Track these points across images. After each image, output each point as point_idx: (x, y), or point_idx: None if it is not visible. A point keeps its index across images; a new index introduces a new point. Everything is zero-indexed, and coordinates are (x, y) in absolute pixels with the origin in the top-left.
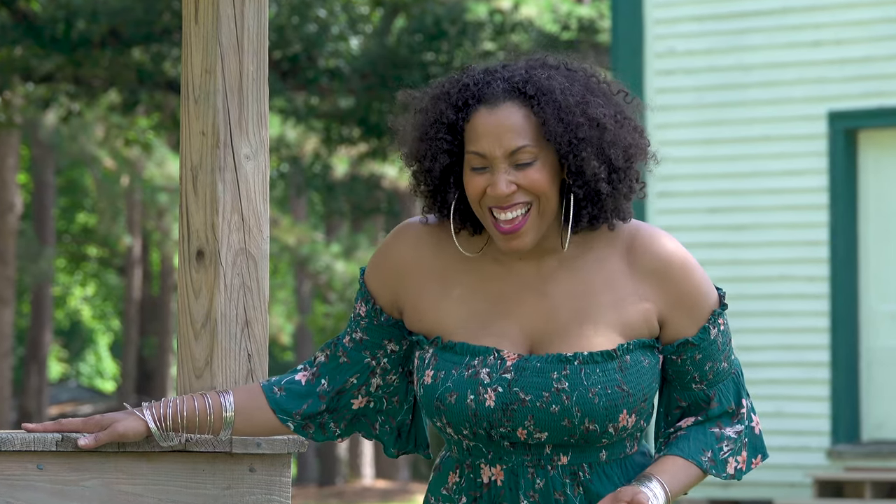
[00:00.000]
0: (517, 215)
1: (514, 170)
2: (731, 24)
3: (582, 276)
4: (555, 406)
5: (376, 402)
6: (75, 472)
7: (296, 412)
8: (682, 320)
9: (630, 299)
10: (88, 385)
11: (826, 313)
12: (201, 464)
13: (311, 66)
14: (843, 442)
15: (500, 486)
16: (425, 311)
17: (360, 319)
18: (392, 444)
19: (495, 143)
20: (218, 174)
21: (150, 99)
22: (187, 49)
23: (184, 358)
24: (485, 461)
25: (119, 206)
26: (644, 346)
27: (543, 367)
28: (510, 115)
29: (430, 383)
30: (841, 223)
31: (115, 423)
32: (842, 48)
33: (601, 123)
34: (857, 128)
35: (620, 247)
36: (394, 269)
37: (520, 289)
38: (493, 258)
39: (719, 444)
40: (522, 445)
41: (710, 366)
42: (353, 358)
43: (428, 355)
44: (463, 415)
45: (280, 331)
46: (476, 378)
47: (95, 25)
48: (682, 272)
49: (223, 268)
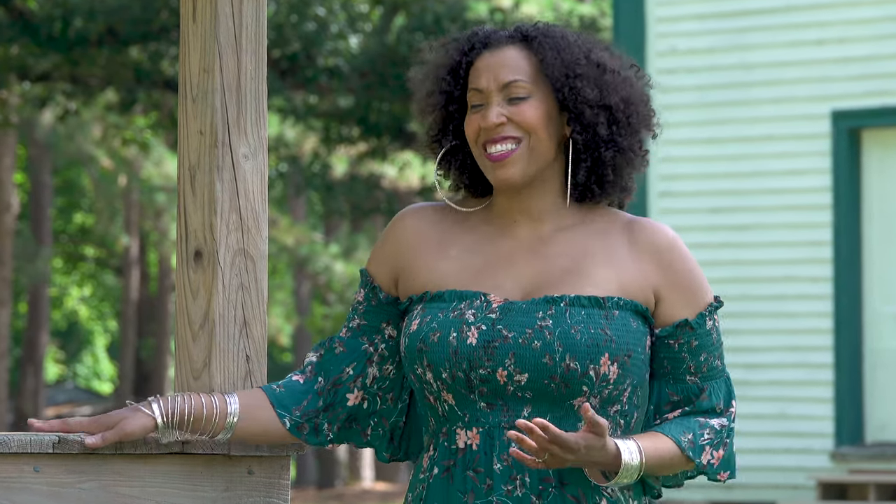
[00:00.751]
0: (506, 148)
1: (508, 104)
2: (733, 22)
3: (580, 241)
4: (537, 342)
5: (370, 401)
6: (72, 474)
7: (294, 408)
8: (678, 301)
9: (626, 266)
10: (85, 386)
11: (829, 314)
12: (199, 466)
13: (310, 65)
14: (847, 444)
15: (476, 451)
16: (420, 270)
17: (357, 306)
18: (384, 448)
19: (491, 76)
20: (216, 174)
21: (147, 98)
22: (185, 48)
23: (181, 359)
24: (461, 424)
25: (116, 205)
26: (636, 310)
27: (529, 307)
28: (510, 54)
29: (414, 330)
30: (844, 223)
31: (122, 422)
32: (845, 47)
33: (602, 64)
34: (860, 127)
35: (620, 224)
36: (394, 243)
37: (517, 249)
38: (494, 221)
39: (701, 430)
40: (500, 406)
41: (705, 357)
42: (349, 346)
43: (416, 311)
44: (444, 353)
45: (279, 332)
46: (461, 318)
47: (92, 24)
48: (682, 255)
49: (221, 268)
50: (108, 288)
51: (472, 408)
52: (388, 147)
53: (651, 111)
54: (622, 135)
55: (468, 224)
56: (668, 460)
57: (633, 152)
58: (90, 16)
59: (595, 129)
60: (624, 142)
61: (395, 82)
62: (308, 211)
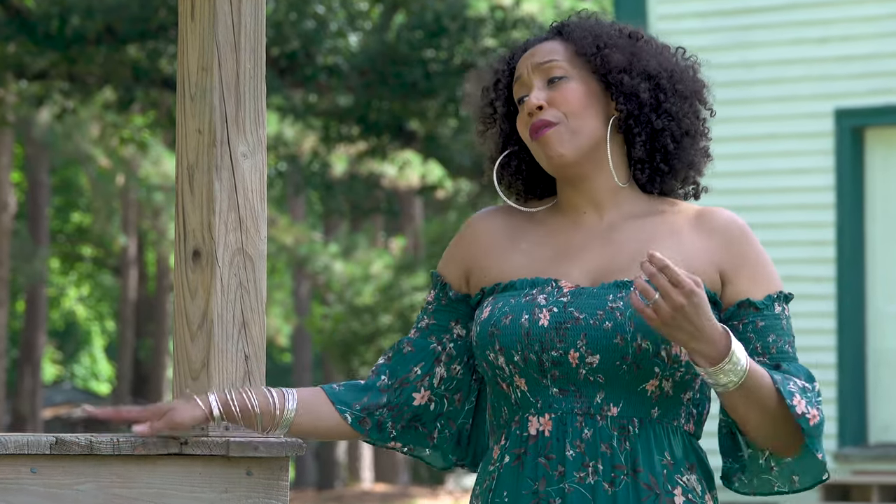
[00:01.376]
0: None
1: (548, 88)
2: (735, 20)
3: (648, 227)
4: (608, 322)
5: (437, 403)
6: (69, 475)
7: (355, 402)
8: (743, 282)
9: (694, 250)
10: (83, 387)
11: (832, 314)
12: (198, 467)
13: (310, 64)
14: (850, 445)
15: (548, 437)
16: (491, 266)
17: (427, 306)
18: (451, 451)
19: (528, 63)
20: (215, 173)
21: (145, 96)
22: (183, 46)
23: (180, 359)
24: (534, 411)
25: (114, 205)
26: None
27: (600, 291)
28: (545, 45)
29: (486, 316)
30: (848, 223)
31: (173, 412)
32: (849, 45)
33: (633, 34)
34: (864, 125)
35: (690, 214)
36: (465, 244)
37: (586, 238)
38: (563, 214)
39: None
40: (573, 392)
41: (774, 339)
42: (418, 346)
43: (487, 301)
44: (516, 334)
45: (277, 332)
46: (532, 302)
47: (90, 22)
48: (749, 239)
49: (220, 268)
50: (105, 288)
51: (544, 393)
52: (387, 146)
53: (700, 83)
54: (670, 101)
55: (537, 220)
56: (766, 388)
57: (689, 119)
58: (88, 14)
59: (638, 96)
60: (673, 108)
61: (394, 81)
62: (307, 210)
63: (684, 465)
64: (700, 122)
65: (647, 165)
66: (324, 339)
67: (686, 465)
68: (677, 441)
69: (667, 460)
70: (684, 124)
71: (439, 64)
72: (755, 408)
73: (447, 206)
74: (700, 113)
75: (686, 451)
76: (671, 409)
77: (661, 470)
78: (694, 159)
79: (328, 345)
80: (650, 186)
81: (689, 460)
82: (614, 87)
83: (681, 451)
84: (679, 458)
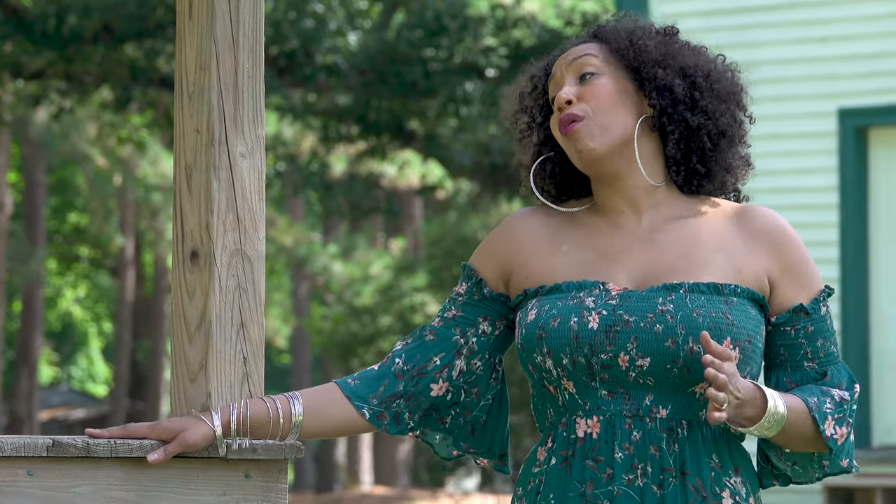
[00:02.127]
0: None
1: (579, 83)
2: (737, 19)
3: (690, 228)
4: (659, 325)
5: (454, 393)
6: (66, 478)
7: (372, 396)
8: (793, 287)
9: (741, 253)
10: (80, 389)
11: (836, 315)
12: (195, 470)
13: (309, 63)
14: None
15: (596, 439)
16: (534, 267)
17: (457, 297)
18: (463, 438)
19: (562, 62)
20: (213, 173)
21: (143, 96)
22: (181, 45)
23: (178, 361)
24: (581, 413)
25: (111, 205)
26: (752, 298)
27: (649, 294)
28: (581, 45)
29: (532, 319)
30: (851, 223)
31: (184, 433)
32: (851, 44)
33: (669, 33)
34: (867, 125)
35: (730, 212)
36: (505, 239)
37: (627, 239)
38: (601, 215)
39: (824, 397)
40: (622, 394)
41: (822, 343)
42: (440, 335)
43: (531, 303)
44: (565, 337)
45: (276, 334)
46: (581, 304)
47: (87, 20)
48: (793, 241)
49: (218, 269)
50: (102, 289)
51: (592, 395)
52: (387, 146)
53: (739, 86)
54: (706, 99)
55: (576, 221)
56: (801, 420)
57: (726, 120)
58: (85, 12)
59: (672, 91)
60: (710, 106)
61: (394, 80)
62: (306, 210)
63: (731, 468)
64: (738, 126)
65: (683, 166)
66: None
67: (732, 468)
68: (724, 443)
69: (714, 463)
70: (721, 124)
71: (439, 63)
72: (793, 437)
73: (447, 206)
74: (738, 116)
75: (732, 454)
76: None
77: (708, 473)
78: (732, 162)
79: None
80: (687, 189)
81: (734, 463)
82: (648, 81)
83: (727, 453)
84: (726, 461)
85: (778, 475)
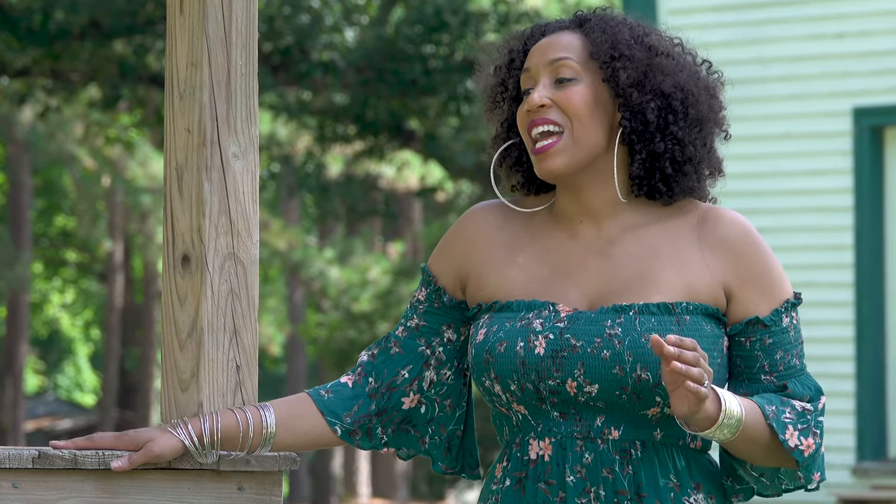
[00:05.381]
0: (547, 130)
1: (555, 87)
2: (749, 14)
3: (647, 241)
4: (606, 351)
5: (428, 406)
6: (52, 490)
7: (345, 415)
8: (752, 297)
9: (696, 266)
10: (67, 398)
11: (851, 322)
12: (187, 482)
13: (304, 60)
14: (869, 459)
15: (548, 462)
16: (488, 278)
17: (418, 305)
18: (440, 458)
19: (540, 55)
20: (204, 174)
21: (132, 94)
22: (172, 41)
23: (168, 369)
24: (534, 435)
25: (99, 208)
26: (707, 313)
27: (598, 317)
28: (563, 36)
29: (481, 339)
30: (867, 226)
31: (151, 443)
32: (867, 40)
33: (654, 48)
34: (883, 125)
35: (692, 219)
36: (461, 243)
37: (583, 253)
38: (559, 222)
39: (783, 406)
40: (573, 416)
41: (781, 356)
42: (406, 347)
43: (483, 320)
44: (511, 363)
45: (270, 341)
46: (528, 327)
47: (74, 16)
48: (754, 248)
49: (210, 274)
50: (90, 294)
51: (544, 417)
52: (385, 146)
53: (718, 105)
54: (679, 125)
55: (533, 227)
56: (759, 428)
57: (695, 146)
58: (72, 8)
59: (644, 115)
60: (680, 132)
61: (393, 78)
62: (301, 213)
63: (690, 486)
64: (707, 150)
65: (645, 183)
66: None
67: (692, 485)
68: (682, 461)
69: (673, 483)
70: (688, 151)
71: (440, 60)
72: (753, 446)
73: (447, 208)
74: (710, 139)
75: (691, 471)
76: (674, 429)
77: (667, 493)
78: (694, 185)
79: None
80: (650, 198)
81: (694, 480)
82: (622, 100)
83: (686, 470)
84: (685, 479)
85: (740, 490)
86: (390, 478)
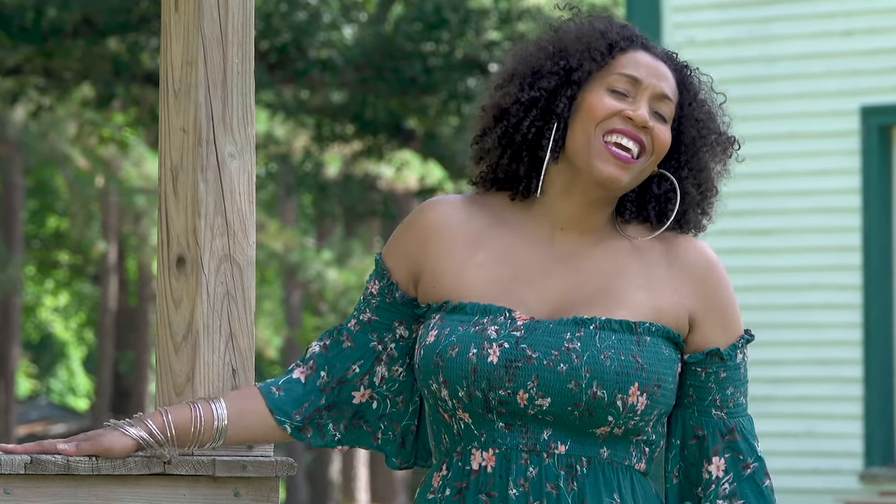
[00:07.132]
0: (635, 150)
1: (650, 114)
2: (755, 11)
3: (619, 259)
4: (563, 365)
5: (380, 402)
6: (45, 496)
7: (295, 412)
8: (713, 328)
9: (664, 289)
10: (60, 403)
11: (859, 325)
12: (182, 488)
13: (301, 58)
14: (878, 464)
15: (491, 473)
16: (442, 274)
17: (370, 299)
18: (394, 454)
19: (653, 78)
20: (200, 174)
21: (126, 93)
22: (167, 39)
23: (163, 373)
24: (477, 445)
25: (93, 208)
26: (668, 336)
27: (556, 328)
28: (668, 73)
29: (431, 342)
30: (875, 227)
31: (100, 437)
32: (876, 38)
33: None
34: (892, 124)
35: (663, 243)
36: (418, 235)
37: (550, 260)
38: (535, 225)
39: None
40: (519, 427)
41: (732, 392)
42: (357, 342)
43: (433, 320)
44: (462, 370)
45: (267, 344)
46: (482, 334)
47: (67, 13)
48: (720, 281)
49: (206, 276)
50: (84, 297)
51: (489, 427)
52: (384, 145)
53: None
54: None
55: (501, 224)
56: None
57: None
58: (65, 5)
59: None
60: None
61: (392, 76)
62: (299, 214)
63: None
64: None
65: (636, 215)
66: None
67: None
68: (626, 481)
69: (616, 502)
70: (686, 202)
71: (439, 58)
72: None
73: None
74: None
75: (634, 492)
76: (621, 449)
77: None
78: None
79: None
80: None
81: (636, 501)
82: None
83: (630, 492)
84: (627, 499)
85: None
86: (389, 483)
